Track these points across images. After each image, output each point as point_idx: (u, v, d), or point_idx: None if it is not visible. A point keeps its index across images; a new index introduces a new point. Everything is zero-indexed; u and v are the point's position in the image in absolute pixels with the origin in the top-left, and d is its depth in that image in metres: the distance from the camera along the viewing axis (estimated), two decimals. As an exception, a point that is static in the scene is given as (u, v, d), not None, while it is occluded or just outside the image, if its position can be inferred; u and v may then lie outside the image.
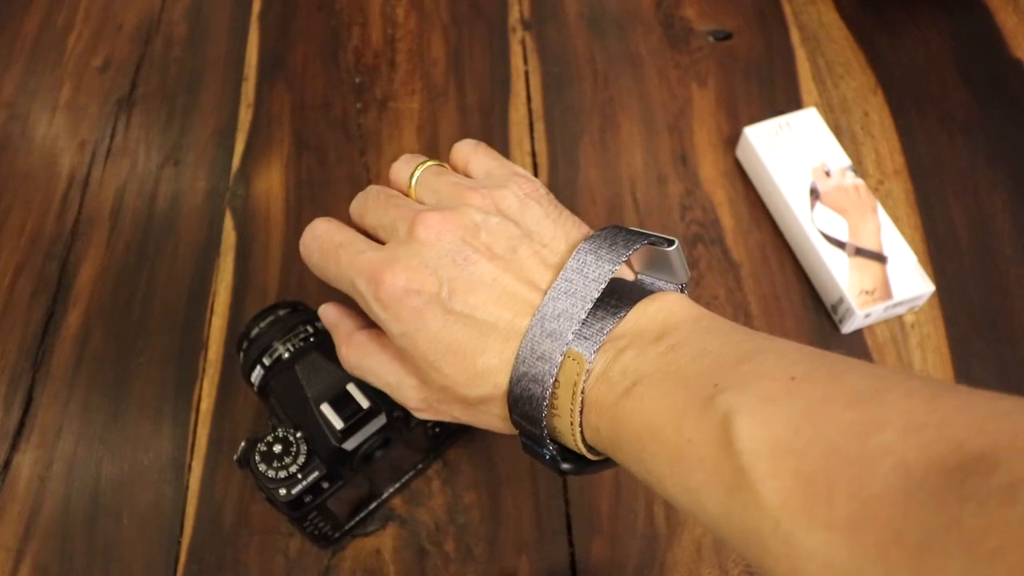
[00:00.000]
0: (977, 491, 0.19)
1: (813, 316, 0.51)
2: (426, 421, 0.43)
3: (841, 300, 0.49)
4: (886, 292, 0.48)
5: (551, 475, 0.46)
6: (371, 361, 0.34)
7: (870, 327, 0.50)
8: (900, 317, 0.51)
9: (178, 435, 0.48)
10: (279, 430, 0.39)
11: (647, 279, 0.32)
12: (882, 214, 0.51)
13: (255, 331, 0.43)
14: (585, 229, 0.33)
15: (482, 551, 0.44)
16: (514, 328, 0.30)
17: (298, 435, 0.39)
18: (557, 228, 0.32)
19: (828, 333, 0.50)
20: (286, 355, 0.41)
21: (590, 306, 0.28)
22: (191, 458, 0.48)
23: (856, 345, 0.50)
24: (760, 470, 0.23)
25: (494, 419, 0.32)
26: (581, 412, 0.29)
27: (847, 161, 0.53)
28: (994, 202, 0.54)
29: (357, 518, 0.45)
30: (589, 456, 0.30)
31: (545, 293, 0.30)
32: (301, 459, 0.38)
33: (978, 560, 0.18)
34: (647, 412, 0.26)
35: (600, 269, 0.29)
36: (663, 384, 0.26)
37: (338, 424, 0.38)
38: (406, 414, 0.40)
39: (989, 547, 0.18)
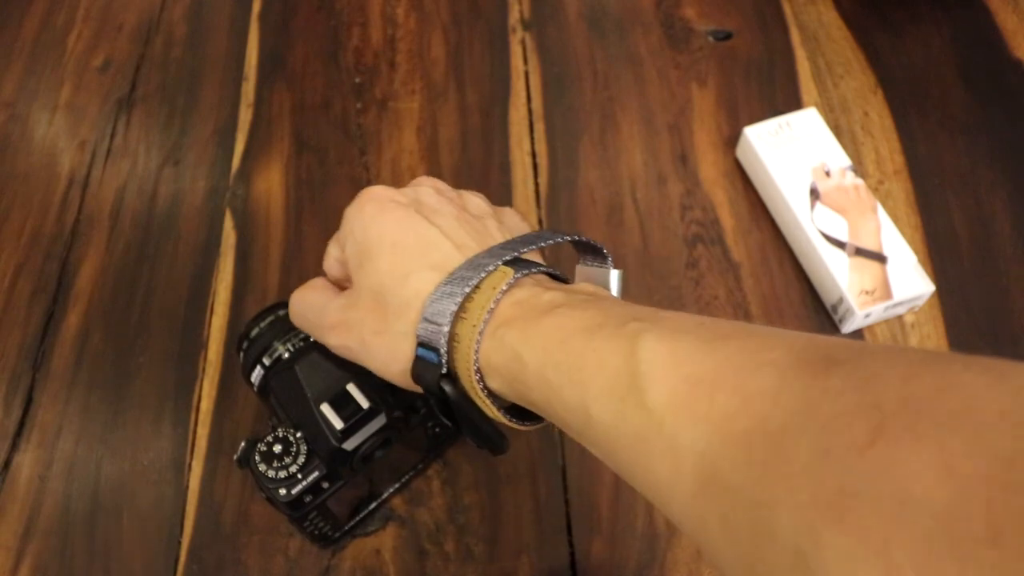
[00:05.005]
0: (836, 384, 0.21)
1: (813, 316, 0.51)
2: (426, 421, 0.43)
3: (841, 300, 0.49)
4: (886, 292, 0.48)
5: (551, 475, 0.46)
6: (313, 294, 0.38)
7: (870, 327, 0.50)
8: (900, 317, 0.51)
9: (178, 435, 0.48)
10: (279, 430, 0.39)
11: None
12: (882, 214, 0.51)
13: (255, 331, 0.43)
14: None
15: (482, 551, 0.44)
16: (461, 250, 0.33)
17: (298, 435, 0.39)
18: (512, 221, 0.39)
19: (828, 333, 0.50)
20: (286, 355, 0.41)
21: (532, 247, 0.33)
22: (191, 458, 0.48)
23: (856, 345, 0.50)
24: (652, 375, 0.25)
25: (396, 340, 0.33)
26: (488, 322, 0.30)
27: (847, 161, 0.53)
28: (994, 202, 0.54)
29: (357, 518, 0.45)
30: (472, 380, 0.31)
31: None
32: (301, 459, 0.38)
33: (826, 434, 0.19)
34: (563, 324, 0.29)
35: (545, 235, 0.34)
36: (587, 310, 0.29)
37: (338, 424, 0.38)
38: (406, 414, 0.40)
39: (836, 427, 0.19)
